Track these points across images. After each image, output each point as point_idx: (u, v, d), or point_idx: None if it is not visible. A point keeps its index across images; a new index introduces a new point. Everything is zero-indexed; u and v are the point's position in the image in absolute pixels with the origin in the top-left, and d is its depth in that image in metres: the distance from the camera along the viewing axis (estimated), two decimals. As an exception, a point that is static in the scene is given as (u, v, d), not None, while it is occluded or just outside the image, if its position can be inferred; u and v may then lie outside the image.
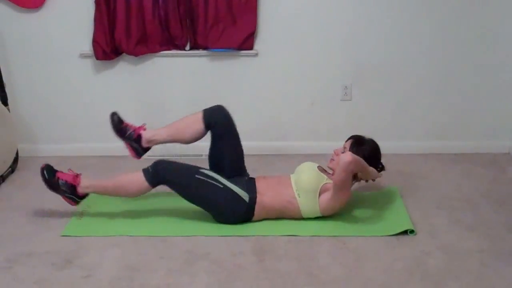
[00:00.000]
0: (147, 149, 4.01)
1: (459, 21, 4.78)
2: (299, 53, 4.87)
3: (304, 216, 3.85)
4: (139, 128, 3.96)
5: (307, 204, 3.80)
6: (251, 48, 4.82)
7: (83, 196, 3.91)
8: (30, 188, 4.43)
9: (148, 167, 3.83)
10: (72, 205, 3.91)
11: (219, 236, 3.74)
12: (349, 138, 3.97)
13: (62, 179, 3.85)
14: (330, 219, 3.87)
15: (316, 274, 3.35)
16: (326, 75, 4.92)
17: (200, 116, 3.92)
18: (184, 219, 3.92)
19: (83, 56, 4.85)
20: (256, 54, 4.85)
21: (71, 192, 3.87)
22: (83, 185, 3.86)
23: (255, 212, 3.82)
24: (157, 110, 4.89)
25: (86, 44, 4.82)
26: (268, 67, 4.89)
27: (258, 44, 4.84)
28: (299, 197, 3.80)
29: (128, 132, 3.93)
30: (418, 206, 4.11)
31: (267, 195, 3.82)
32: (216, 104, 3.96)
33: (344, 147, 3.90)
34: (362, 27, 4.81)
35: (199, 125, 3.90)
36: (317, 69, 4.91)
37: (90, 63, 4.88)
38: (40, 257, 3.54)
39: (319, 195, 3.79)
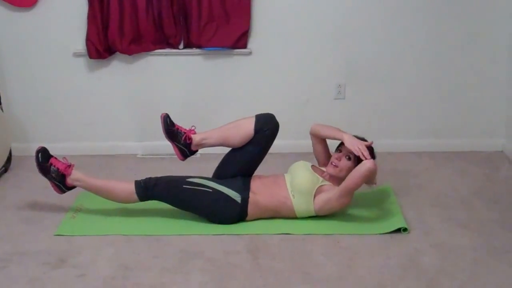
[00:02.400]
0: (195, 151, 3.99)
1: (452, 21, 4.79)
2: (293, 52, 4.87)
3: (298, 216, 3.86)
4: (190, 131, 3.93)
5: (301, 205, 3.80)
6: (244, 47, 4.82)
7: (71, 187, 3.94)
8: (24, 187, 4.43)
9: (140, 181, 3.86)
10: (58, 193, 3.94)
11: (213, 234, 3.73)
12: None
13: (55, 166, 3.87)
14: (323, 218, 3.86)
15: (309, 272, 3.35)
16: (319, 74, 4.92)
17: (251, 121, 3.88)
18: (178, 218, 3.92)
19: (77, 55, 4.84)
20: (250, 53, 4.85)
21: (60, 181, 3.89)
22: (73, 177, 3.88)
23: (249, 212, 3.82)
24: (151, 108, 4.88)
25: (79, 43, 4.81)
26: (261, 66, 4.89)
27: (252, 43, 4.84)
28: (294, 198, 3.80)
29: (179, 136, 3.92)
30: (411, 204, 4.11)
31: (261, 194, 3.82)
32: (267, 112, 3.95)
33: (349, 152, 3.82)
34: (356, 26, 4.82)
35: (250, 130, 3.87)
36: (310, 68, 4.91)
37: (83, 62, 4.87)
38: (33, 256, 3.52)
39: (314, 196, 3.79)
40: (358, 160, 3.78)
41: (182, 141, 3.91)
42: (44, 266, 3.43)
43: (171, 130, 3.90)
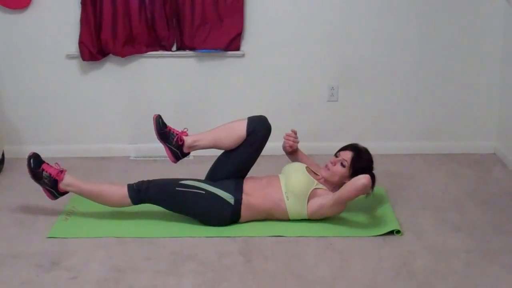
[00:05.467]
0: (187, 154, 3.99)
1: (445, 24, 4.81)
2: (286, 54, 4.87)
3: (291, 218, 3.86)
4: (182, 133, 3.92)
5: (295, 207, 3.81)
6: (237, 49, 4.82)
7: (64, 193, 3.93)
8: (16, 189, 4.42)
9: (133, 184, 3.86)
10: (51, 199, 3.92)
11: (206, 237, 3.73)
12: (345, 148, 3.94)
13: (47, 172, 3.86)
14: (317, 220, 3.86)
15: (302, 274, 3.35)
16: (312, 76, 4.93)
17: (244, 123, 3.89)
18: (171, 220, 3.91)
19: (70, 57, 4.84)
20: (243, 55, 4.85)
21: (52, 186, 3.87)
22: (65, 182, 3.87)
23: (242, 214, 3.82)
24: (144, 111, 4.88)
25: (72, 45, 4.81)
26: (254, 68, 4.89)
27: (245, 45, 4.84)
28: (288, 199, 3.80)
29: (171, 137, 3.91)
30: (404, 206, 4.12)
31: (254, 196, 3.82)
32: (259, 114, 3.95)
33: (344, 160, 3.85)
34: (349, 28, 4.83)
35: (242, 132, 3.87)
36: (303, 70, 4.92)
37: (76, 64, 4.86)
38: (26, 258, 3.52)
39: (308, 200, 3.80)
40: (353, 171, 3.81)
41: (174, 143, 3.90)
42: (36, 268, 3.42)
43: (163, 131, 3.90)
